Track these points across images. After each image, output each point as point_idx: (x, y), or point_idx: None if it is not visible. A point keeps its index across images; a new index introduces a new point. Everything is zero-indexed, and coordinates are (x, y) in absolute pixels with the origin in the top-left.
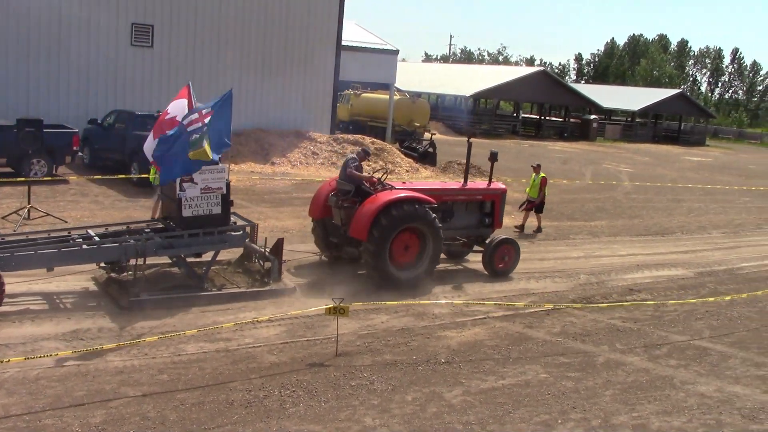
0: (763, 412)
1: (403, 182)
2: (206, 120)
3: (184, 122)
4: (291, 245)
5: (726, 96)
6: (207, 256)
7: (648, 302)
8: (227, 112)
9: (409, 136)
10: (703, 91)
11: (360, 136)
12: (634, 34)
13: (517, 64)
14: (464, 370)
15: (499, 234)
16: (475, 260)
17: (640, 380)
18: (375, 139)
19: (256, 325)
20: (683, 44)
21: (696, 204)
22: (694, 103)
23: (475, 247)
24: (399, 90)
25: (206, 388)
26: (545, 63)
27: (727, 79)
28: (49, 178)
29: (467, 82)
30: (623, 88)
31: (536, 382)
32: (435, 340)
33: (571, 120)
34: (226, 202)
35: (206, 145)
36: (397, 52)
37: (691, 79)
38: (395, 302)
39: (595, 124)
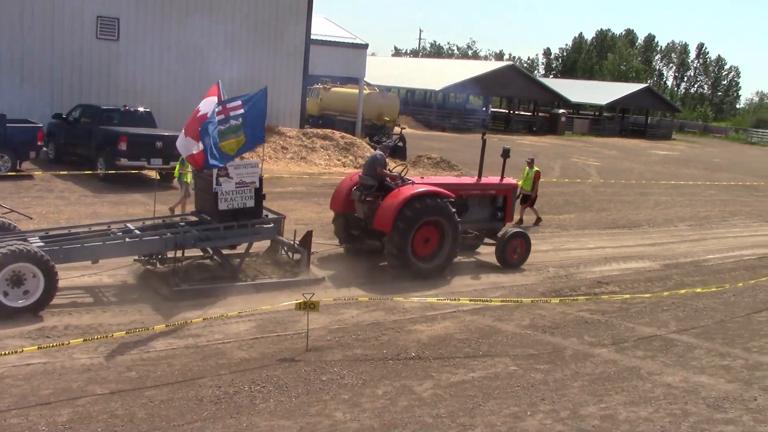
0: (728, 401)
1: (421, 177)
2: (232, 113)
3: (216, 116)
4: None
5: (691, 90)
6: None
7: (615, 296)
8: (262, 107)
9: (379, 130)
10: (670, 85)
11: (330, 130)
12: (601, 29)
13: (486, 58)
14: (434, 363)
15: (510, 228)
16: (487, 252)
17: (608, 372)
18: (345, 134)
19: (225, 320)
20: (650, 39)
21: (663, 197)
22: (660, 98)
23: (486, 240)
24: (368, 84)
25: (175, 384)
26: (514, 57)
27: (692, 74)
28: (13, 174)
29: (437, 76)
30: (591, 82)
31: (506, 374)
32: (405, 334)
33: (540, 114)
34: (259, 195)
35: (237, 139)
36: (366, 46)
37: (657, 73)
38: (365, 298)
39: (563, 119)
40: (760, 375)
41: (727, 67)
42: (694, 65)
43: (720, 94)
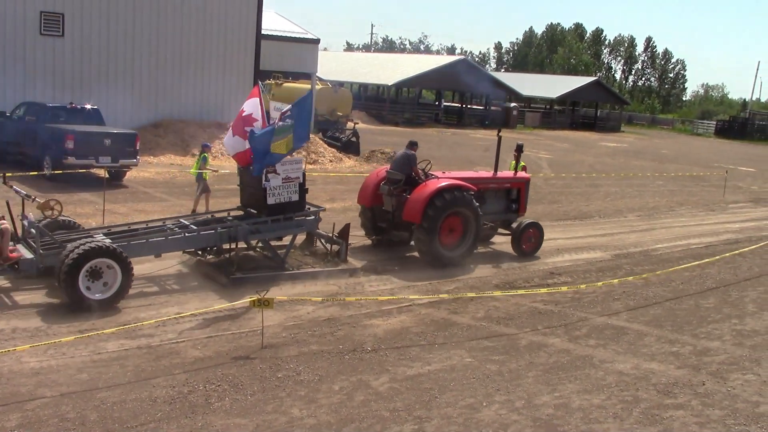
0: (677, 386)
1: (443, 172)
2: (287, 115)
3: (274, 120)
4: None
5: (639, 83)
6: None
7: (562, 287)
8: (308, 109)
9: (332, 125)
10: (618, 78)
11: None
12: (551, 23)
13: (438, 52)
14: (390, 357)
15: (525, 219)
16: (503, 242)
17: (562, 361)
18: None
19: (179, 320)
20: (598, 33)
21: (612, 188)
22: (609, 91)
23: (501, 231)
24: (321, 79)
25: (128, 385)
26: (466, 52)
27: (640, 67)
28: None
29: (389, 71)
30: (542, 76)
31: (461, 366)
32: (361, 328)
33: (492, 108)
34: (303, 190)
35: (287, 138)
36: (318, 41)
37: (606, 67)
38: (319, 297)
39: (515, 112)
40: (708, 360)
41: (673, 60)
42: (642, 58)
43: (667, 86)
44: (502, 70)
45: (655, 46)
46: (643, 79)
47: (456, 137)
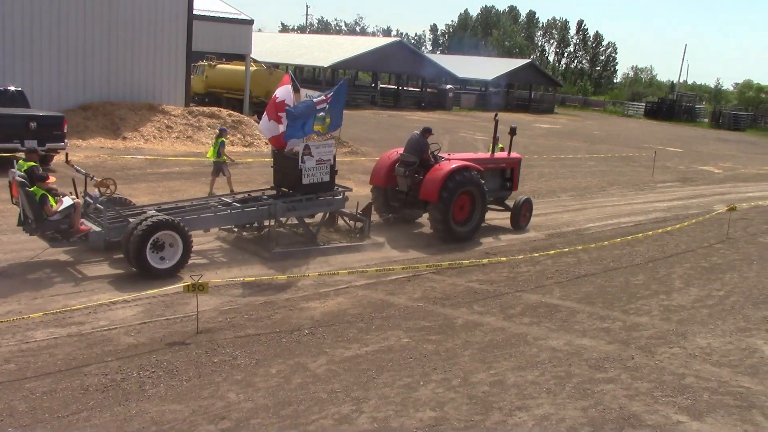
0: (608, 361)
1: (448, 154)
2: (319, 107)
3: (315, 103)
4: None
5: (572, 66)
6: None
7: (498, 262)
8: (343, 98)
9: None
10: (551, 61)
11: (216, 108)
12: (486, 6)
13: (374, 34)
14: (328, 339)
15: (520, 196)
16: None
17: (497, 339)
18: (232, 112)
19: (111, 306)
20: (531, 16)
21: (546, 169)
22: (543, 73)
23: (494, 207)
24: (255, 61)
25: (58, 374)
26: (402, 34)
27: (572, 50)
28: None
29: (325, 52)
30: (477, 58)
31: (398, 347)
32: (298, 311)
33: (428, 90)
34: (333, 171)
35: (326, 123)
36: (251, 22)
37: (540, 49)
38: (252, 278)
39: (451, 94)
40: (636, 335)
41: (605, 43)
42: (574, 41)
43: (598, 69)
44: (438, 52)
45: (587, 29)
46: (576, 61)
47: (393, 119)
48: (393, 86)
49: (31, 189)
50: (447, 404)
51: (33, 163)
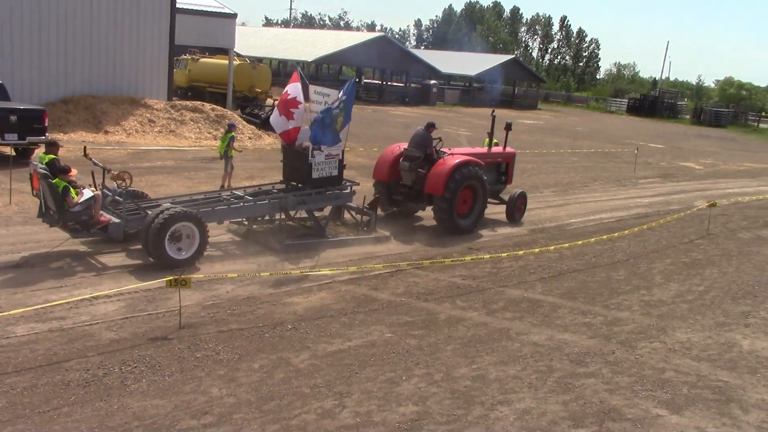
0: (589, 356)
1: (449, 149)
2: (336, 103)
3: (331, 103)
4: None
5: (555, 61)
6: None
7: (481, 261)
8: (353, 96)
9: (251, 102)
10: (535, 56)
11: (199, 102)
12: (470, 1)
13: (358, 29)
14: (311, 334)
15: (515, 189)
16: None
17: (479, 334)
18: (215, 106)
19: (92, 302)
20: (515, 11)
21: (529, 165)
22: (526, 69)
23: (489, 200)
24: (239, 55)
25: (39, 370)
26: (386, 29)
27: (556, 46)
28: None
29: (309, 47)
30: (461, 54)
31: (381, 342)
32: (281, 306)
33: (412, 85)
34: (341, 165)
35: (340, 120)
36: (235, 15)
37: (523, 45)
38: (234, 274)
39: (435, 89)
40: (617, 330)
41: (587, 39)
42: (558, 37)
43: (581, 65)
44: (422, 47)
45: (570, 26)
46: (559, 57)
47: (376, 114)
48: (377, 81)
49: (54, 181)
50: (429, 399)
51: (53, 156)
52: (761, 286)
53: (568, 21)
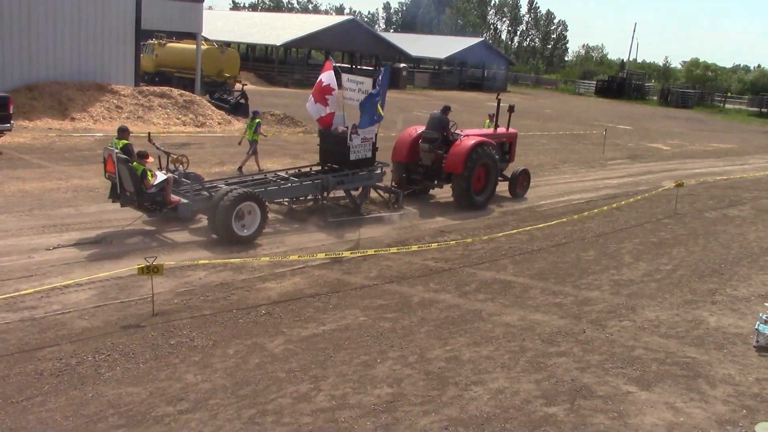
0: (560, 335)
1: (461, 131)
2: (376, 89)
3: (374, 91)
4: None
5: (524, 44)
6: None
7: (452, 243)
8: (387, 82)
9: (219, 87)
10: (504, 39)
11: (167, 88)
12: None
13: (327, 12)
14: (285, 319)
15: (517, 167)
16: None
17: (452, 316)
18: (183, 91)
19: (63, 290)
20: None
21: None
22: (496, 51)
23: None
24: (207, 39)
25: (11, 359)
26: (354, 12)
27: (524, 28)
28: None
29: (277, 30)
30: (430, 37)
31: (355, 325)
32: (255, 292)
33: (382, 68)
34: (374, 148)
35: (379, 105)
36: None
37: (492, 27)
38: (206, 261)
39: (404, 73)
40: (588, 309)
41: (555, 21)
42: (526, 20)
43: (550, 47)
44: (391, 30)
45: (538, 7)
46: (528, 39)
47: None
48: (347, 65)
49: (133, 164)
50: (404, 381)
51: (126, 141)
52: (727, 264)
53: (536, 3)
